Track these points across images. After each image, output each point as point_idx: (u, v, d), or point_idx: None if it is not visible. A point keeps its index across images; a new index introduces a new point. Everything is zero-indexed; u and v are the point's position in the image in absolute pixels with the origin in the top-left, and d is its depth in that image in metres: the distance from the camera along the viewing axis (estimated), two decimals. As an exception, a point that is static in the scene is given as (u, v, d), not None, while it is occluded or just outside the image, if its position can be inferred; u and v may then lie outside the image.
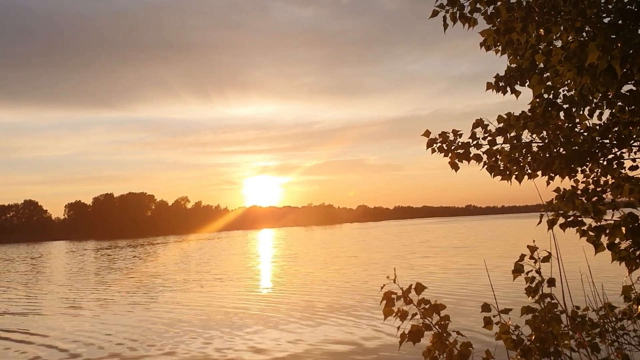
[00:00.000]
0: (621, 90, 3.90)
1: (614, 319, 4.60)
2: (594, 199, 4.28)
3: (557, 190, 4.36)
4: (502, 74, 4.89)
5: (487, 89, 4.95)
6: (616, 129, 4.31)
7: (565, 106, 4.48)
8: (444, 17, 4.30)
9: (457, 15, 4.27)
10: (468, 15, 4.27)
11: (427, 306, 3.50)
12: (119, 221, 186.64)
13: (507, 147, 4.46)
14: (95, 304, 21.35)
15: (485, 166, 4.49)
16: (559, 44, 4.22)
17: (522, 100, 4.66)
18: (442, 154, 4.58)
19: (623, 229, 3.49)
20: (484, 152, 4.48)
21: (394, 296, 3.51)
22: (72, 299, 23.21)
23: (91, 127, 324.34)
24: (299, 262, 37.94)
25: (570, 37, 3.98)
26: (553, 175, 4.49)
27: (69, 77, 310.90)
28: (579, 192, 4.39)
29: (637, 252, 3.62)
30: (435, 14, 4.31)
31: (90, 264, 47.12)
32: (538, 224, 3.77)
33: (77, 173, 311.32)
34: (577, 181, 4.54)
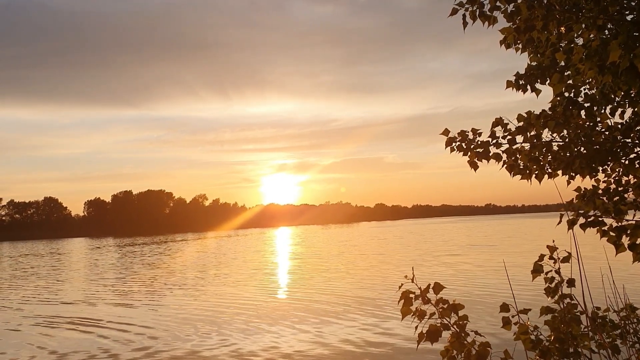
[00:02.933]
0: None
1: (635, 320, 4.54)
2: (616, 198, 4.22)
3: (578, 189, 4.31)
4: (522, 72, 4.84)
5: (507, 87, 4.91)
6: (638, 127, 4.25)
7: (586, 105, 4.43)
8: (464, 15, 4.27)
9: (477, 13, 4.24)
10: (488, 13, 4.24)
11: (445, 306, 3.48)
12: (138, 218, 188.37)
13: (527, 146, 4.42)
14: (141, 296, 22.34)
15: (505, 165, 4.46)
16: (580, 42, 4.17)
17: (542, 98, 4.62)
18: (461, 153, 4.55)
19: (645, 229, 3.44)
20: (503, 151, 4.44)
21: (411, 295, 3.50)
22: (119, 291, 23.92)
23: (111, 125, 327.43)
24: (317, 261, 37.99)
25: (591, 35, 3.93)
26: (574, 174, 4.44)
27: (89, 76, 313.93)
28: (600, 191, 4.34)
29: (660, 253, 3.57)
30: (454, 12, 4.28)
31: (118, 260, 48.31)
32: (558, 224, 3.74)
33: (96, 171, 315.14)
34: (598, 181, 4.48)
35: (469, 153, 4.47)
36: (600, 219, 3.73)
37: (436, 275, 24.98)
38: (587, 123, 4.41)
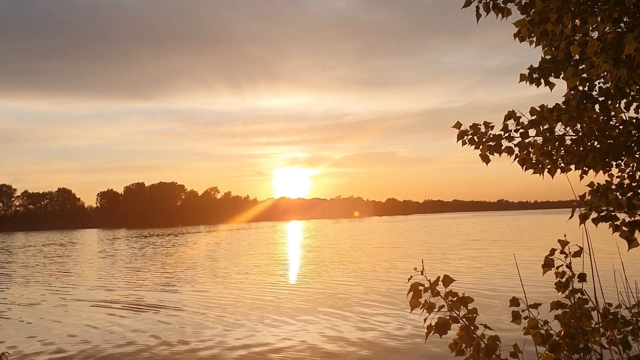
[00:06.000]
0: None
1: (647, 316, 4.50)
2: (629, 194, 4.18)
3: (591, 184, 4.27)
4: (536, 66, 4.80)
5: (520, 81, 4.87)
6: (653, 122, 4.20)
7: (600, 99, 4.38)
8: (477, 7, 4.24)
9: (491, 5, 4.20)
10: (502, 5, 4.20)
11: (454, 299, 3.47)
12: (150, 210, 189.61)
13: (539, 140, 4.38)
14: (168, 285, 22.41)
15: (517, 159, 4.42)
16: (595, 35, 4.12)
17: (556, 93, 4.58)
18: (473, 147, 4.52)
19: (658, 224, 3.41)
20: (515, 145, 4.41)
21: (421, 288, 3.49)
22: (154, 279, 24.14)
23: (126, 117, 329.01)
24: (329, 254, 38.06)
25: (607, 28, 3.88)
26: (587, 169, 4.39)
27: (105, 68, 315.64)
28: (613, 186, 4.30)
29: (673, 249, 3.53)
30: (468, 3, 4.25)
31: (140, 251, 49.46)
32: (570, 218, 3.71)
33: (110, 162, 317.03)
34: (611, 175, 4.43)
35: (481, 146, 4.44)
36: (612, 213, 3.69)
37: (447, 269, 24.95)
38: (601, 117, 4.36)
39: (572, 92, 4.47)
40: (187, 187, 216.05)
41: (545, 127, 4.34)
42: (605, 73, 4.19)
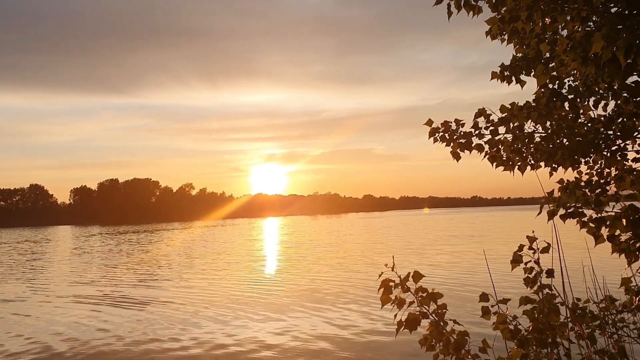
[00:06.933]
0: (626, 82, 3.86)
1: (614, 311, 4.58)
2: (598, 190, 4.24)
3: (561, 181, 4.32)
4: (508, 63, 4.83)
5: (492, 79, 4.90)
6: (620, 120, 4.26)
7: (570, 96, 4.43)
8: (448, 5, 4.25)
9: (462, 3, 4.22)
10: (473, 2, 4.22)
11: (424, 294, 3.49)
12: (124, 207, 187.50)
13: (509, 137, 4.42)
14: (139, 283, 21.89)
15: (487, 156, 4.46)
16: (565, 33, 4.17)
17: (528, 90, 4.61)
18: (444, 144, 4.55)
19: (624, 220, 3.46)
20: (486, 142, 4.44)
21: (391, 284, 3.50)
22: (128, 275, 23.75)
23: (99, 113, 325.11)
24: (303, 251, 38.05)
25: (576, 27, 3.93)
26: (556, 166, 4.44)
27: (78, 63, 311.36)
28: (582, 183, 4.35)
29: (637, 244, 3.60)
30: (439, 1, 4.25)
31: (116, 247, 48.91)
32: (538, 215, 3.75)
33: (84, 158, 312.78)
34: (580, 172, 4.49)
35: (452, 144, 4.46)
36: (580, 210, 3.74)
37: (423, 263, 25.19)
38: (570, 115, 4.41)
39: (542, 89, 4.52)
40: (162, 184, 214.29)
41: (516, 124, 4.38)
42: (575, 71, 4.24)
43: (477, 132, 4.40)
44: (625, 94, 4.14)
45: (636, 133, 4.32)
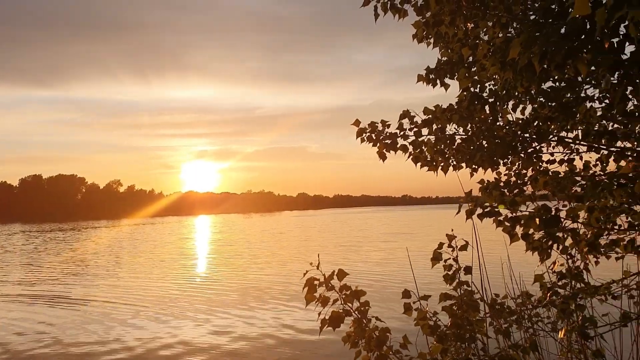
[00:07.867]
0: (542, 87, 4.03)
1: (530, 306, 4.79)
2: (515, 190, 4.42)
3: (481, 182, 4.49)
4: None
5: (417, 81, 5.00)
6: (536, 123, 4.46)
7: (490, 100, 4.59)
8: (375, 7, 4.31)
9: (388, 5, 4.29)
10: (398, 6, 4.30)
11: (347, 292, 3.53)
12: (47, 204, 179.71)
13: (432, 138, 4.54)
14: (48, 286, 20.88)
15: (411, 157, 4.56)
16: (486, 38, 4.31)
17: (452, 93, 4.75)
18: (371, 144, 4.62)
19: (537, 220, 3.63)
20: (410, 143, 4.54)
21: (316, 282, 3.53)
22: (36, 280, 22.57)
23: (23, 106, 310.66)
24: (236, 249, 37.73)
25: (497, 32, 4.07)
26: (476, 167, 4.60)
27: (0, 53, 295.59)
28: (501, 184, 4.53)
29: (549, 243, 3.78)
30: (367, 2, 4.31)
31: (41, 245, 46.55)
32: (457, 214, 3.87)
33: (6, 153, 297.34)
34: (499, 173, 4.68)
35: (378, 144, 4.54)
36: (496, 209, 3.89)
37: (344, 263, 25.45)
38: (490, 118, 4.57)
39: (465, 93, 4.66)
40: (89, 180, 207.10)
41: (438, 126, 4.50)
42: (495, 75, 4.40)
43: (401, 133, 4.49)
44: (541, 99, 4.34)
45: (550, 136, 4.54)
